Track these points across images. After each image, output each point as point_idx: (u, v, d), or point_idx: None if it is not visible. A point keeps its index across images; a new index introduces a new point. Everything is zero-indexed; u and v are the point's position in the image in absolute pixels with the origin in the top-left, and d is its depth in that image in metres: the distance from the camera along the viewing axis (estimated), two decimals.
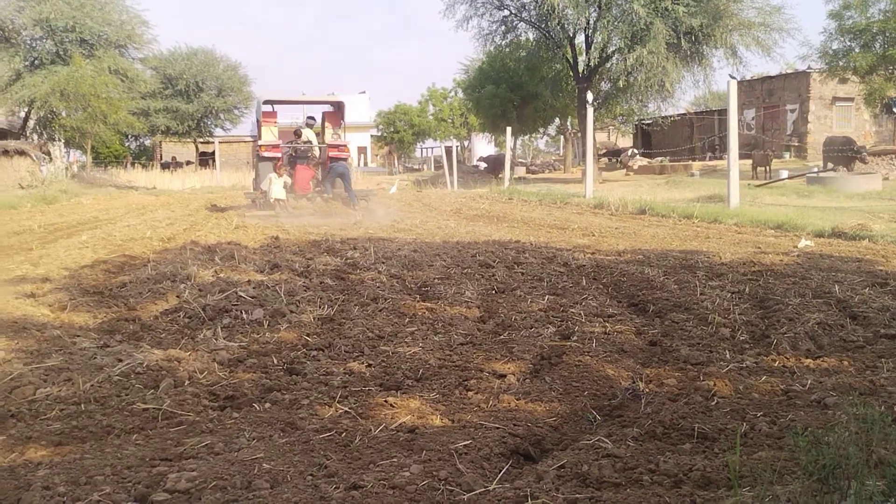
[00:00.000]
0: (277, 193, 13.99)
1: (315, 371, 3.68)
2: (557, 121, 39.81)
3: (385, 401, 3.22)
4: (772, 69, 35.19)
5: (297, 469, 2.47)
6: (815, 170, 22.70)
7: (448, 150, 30.21)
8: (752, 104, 36.12)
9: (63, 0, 25.88)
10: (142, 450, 2.69)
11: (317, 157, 15.18)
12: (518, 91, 33.57)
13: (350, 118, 18.38)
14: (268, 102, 15.97)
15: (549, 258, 7.43)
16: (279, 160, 14.63)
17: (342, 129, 15.97)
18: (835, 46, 24.09)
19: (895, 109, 28.09)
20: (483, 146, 52.40)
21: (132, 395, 3.28)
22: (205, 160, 44.38)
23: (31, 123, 28.06)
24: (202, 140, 44.90)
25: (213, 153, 40.09)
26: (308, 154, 15.10)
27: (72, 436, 2.85)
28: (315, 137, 15.42)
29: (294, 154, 15.03)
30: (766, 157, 23.67)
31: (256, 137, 16.08)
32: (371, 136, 57.61)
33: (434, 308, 5.09)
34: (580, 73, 27.87)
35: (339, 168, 14.76)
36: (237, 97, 43.38)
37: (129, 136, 46.89)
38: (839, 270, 6.24)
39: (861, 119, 33.43)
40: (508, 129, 26.56)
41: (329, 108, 16.56)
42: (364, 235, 10.01)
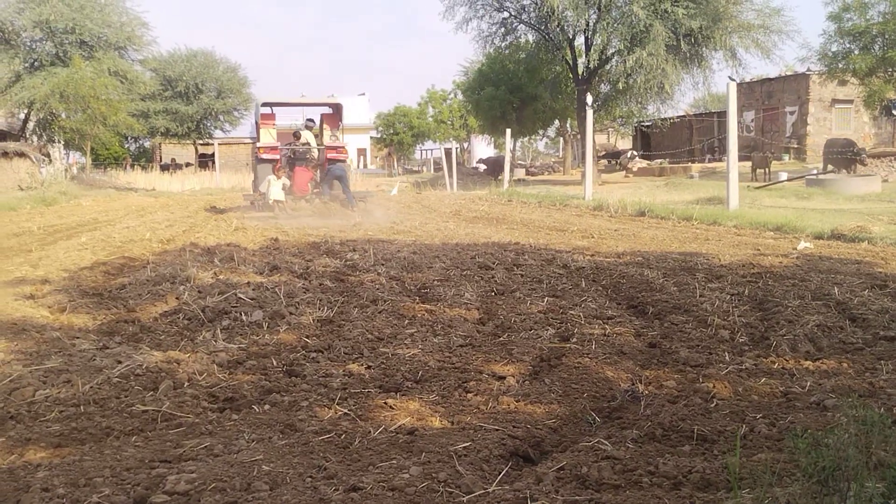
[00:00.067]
0: (276, 195, 14.00)
1: (314, 373, 3.68)
2: (557, 123, 39.88)
3: (384, 402, 3.22)
4: (771, 71, 35.27)
5: (297, 471, 2.47)
6: (815, 172, 22.72)
7: (447, 152, 30.22)
8: (752, 106, 36.15)
9: (63, 2, 25.87)
10: (141, 451, 2.69)
11: (315, 159, 15.21)
12: (517, 93, 33.61)
13: (349, 120, 18.42)
14: (266, 105, 16.03)
15: (549, 260, 7.43)
16: (278, 162, 14.65)
17: (340, 131, 16.01)
18: (834, 48, 24.15)
19: (894, 111, 28.12)
20: (482, 148, 52.45)
21: (131, 397, 3.28)
22: (204, 162, 44.43)
23: (31, 125, 28.04)
24: (202, 142, 44.95)
25: (213, 155, 40.14)
26: (307, 156, 15.12)
27: (71, 437, 2.85)
28: (314, 139, 15.43)
29: (293, 156, 15.04)
30: (766, 159, 23.68)
31: (255, 139, 16.09)
32: (370, 138, 57.65)
33: (433, 310, 5.09)
34: (580, 75, 27.90)
35: (337, 170, 14.77)
36: (237, 99, 43.44)
37: (129, 138, 46.91)
38: (838, 272, 6.24)
39: (860, 121, 33.46)
40: (508, 131, 26.59)
41: (327, 110, 16.58)
42: (363, 237, 10.01)
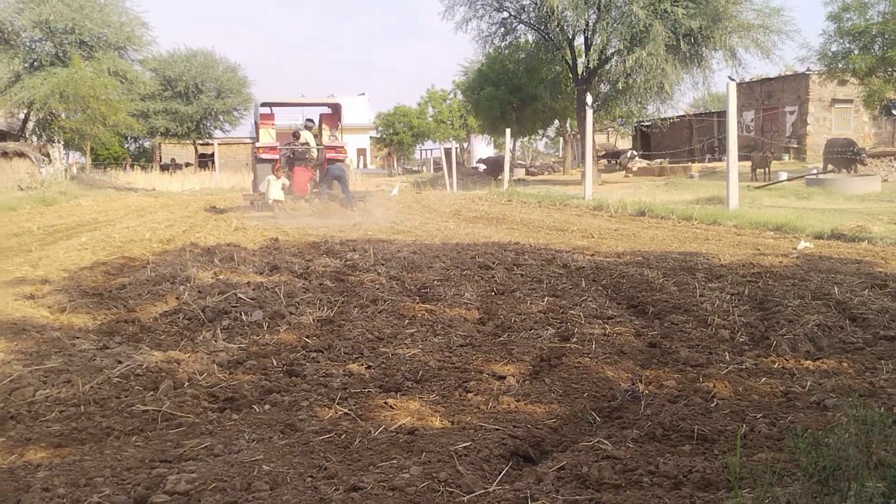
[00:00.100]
0: (276, 195, 14.03)
1: (315, 373, 3.68)
2: (557, 122, 39.90)
3: (385, 402, 3.22)
4: (771, 71, 35.27)
5: (297, 471, 2.47)
6: (814, 172, 22.72)
7: (447, 152, 30.21)
8: (752, 106, 36.16)
9: (62, 2, 25.87)
10: (141, 451, 2.69)
11: (314, 159, 15.25)
12: (517, 93, 33.61)
13: (349, 120, 18.45)
14: (265, 105, 16.09)
15: (549, 260, 7.43)
16: (277, 162, 14.68)
17: (339, 131, 16.06)
18: (834, 48, 24.16)
19: (894, 111, 28.13)
20: (482, 148, 52.47)
21: (132, 397, 3.28)
22: (204, 162, 44.42)
23: (31, 125, 28.05)
24: (201, 142, 44.94)
25: (213, 155, 40.16)
26: (306, 156, 15.16)
27: (71, 437, 2.85)
28: (313, 139, 15.48)
29: (292, 156, 15.08)
30: (766, 159, 23.68)
31: (255, 139, 16.14)
32: (370, 138, 57.65)
33: (433, 310, 5.08)
34: (579, 75, 27.90)
35: (336, 171, 14.80)
36: (236, 99, 43.43)
37: (129, 138, 46.92)
38: (838, 272, 6.24)
39: (860, 121, 33.47)
40: (508, 131, 26.59)
41: (326, 110, 16.62)
42: (363, 237, 10.01)
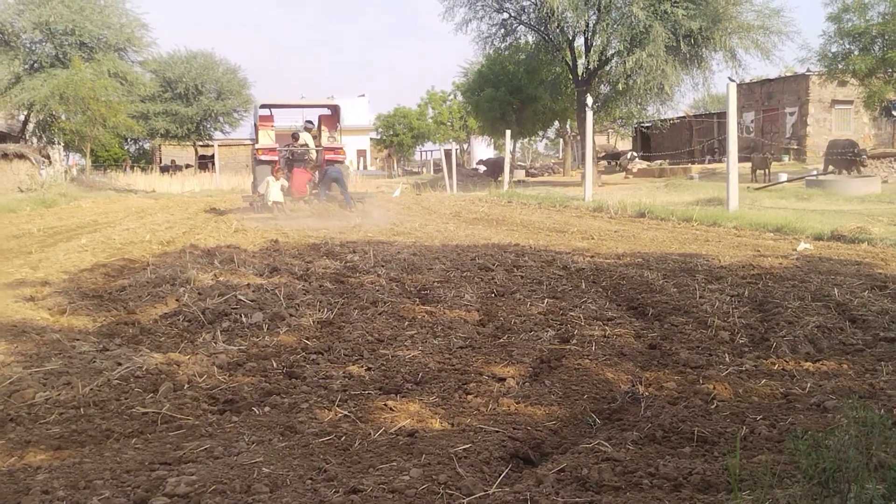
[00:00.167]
0: (275, 196, 14.06)
1: (314, 375, 3.68)
2: (557, 124, 39.92)
3: (384, 404, 3.21)
4: (771, 72, 35.26)
5: (297, 473, 2.47)
6: (815, 173, 22.73)
7: (447, 154, 30.22)
8: (752, 107, 36.18)
9: (62, 3, 25.90)
10: (141, 454, 2.68)
11: (313, 161, 15.30)
12: (517, 94, 33.63)
13: (349, 121, 18.48)
14: (265, 106, 16.18)
15: (549, 261, 7.43)
16: (276, 163, 14.72)
17: (338, 133, 16.11)
18: (834, 49, 24.15)
19: (894, 112, 28.13)
20: (482, 149, 52.51)
21: (131, 399, 3.28)
22: (204, 163, 44.41)
23: (31, 127, 28.07)
24: (201, 143, 44.94)
25: (213, 156, 40.14)
26: (305, 157, 15.21)
27: (71, 440, 2.85)
28: (312, 141, 15.53)
29: (291, 157, 15.12)
30: (766, 161, 23.69)
31: (255, 141, 16.20)
32: (370, 139, 57.67)
33: (433, 311, 5.08)
34: (579, 77, 27.92)
35: (334, 172, 14.85)
36: (236, 100, 43.44)
37: (129, 140, 46.93)
38: (838, 274, 6.24)
39: (860, 122, 33.49)
40: (508, 132, 26.59)
41: (325, 112, 16.67)
42: (363, 239, 10.01)
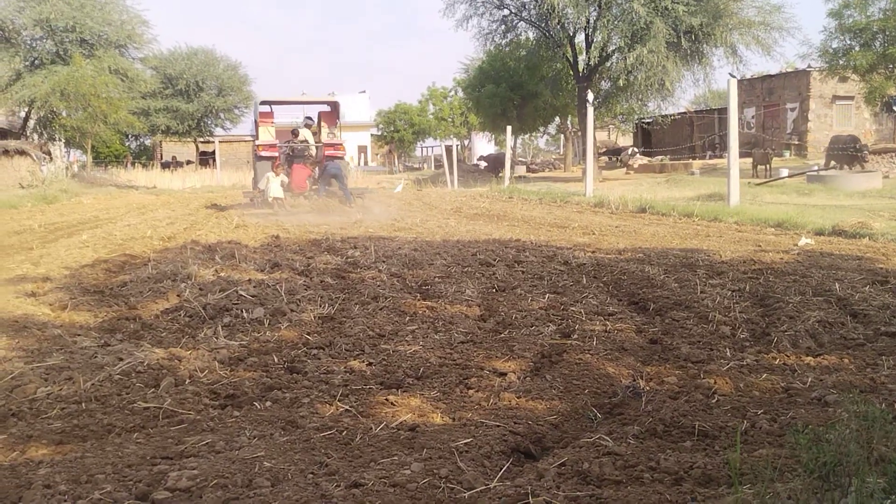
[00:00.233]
0: (275, 192, 14.09)
1: (316, 370, 3.68)
2: (557, 120, 39.88)
3: (386, 399, 3.22)
4: (772, 68, 35.37)
5: (298, 467, 2.47)
6: (815, 168, 22.70)
7: (448, 149, 30.22)
8: (753, 103, 36.13)
9: (63, 0, 25.88)
10: (143, 448, 2.69)
11: (313, 157, 15.34)
12: (518, 90, 33.60)
13: (350, 117, 18.52)
14: (265, 103, 16.29)
15: (550, 257, 7.43)
16: (276, 159, 14.75)
17: (338, 129, 16.16)
18: (835, 45, 24.11)
19: (895, 108, 28.08)
20: (483, 145, 52.47)
21: (133, 394, 3.28)
22: (205, 160, 44.40)
23: (32, 123, 28.08)
24: (202, 139, 44.93)
25: (214, 152, 40.09)
26: (305, 153, 15.25)
27: (73, 434, 2.85)
28: (312, 137, 15.58)
29: (291, 153, 15.17)
30: (767, 156, 23.68)
31: (255, 137, 16.26)
32: (371, 136, 57.64)
33: (434, 306, 5.08)
34: (580, 72, 27.89)
35: (333, 169, 14.87)
36: (237, 97, 43.43)
37: (130, 136, 46.95)
38: (839, 268, 6.23)
39: (861, 118, 33.44)
40: (508, 128, 26.56)
41: (325, 108, 16.72)
42: (364, 234, 10.01)
